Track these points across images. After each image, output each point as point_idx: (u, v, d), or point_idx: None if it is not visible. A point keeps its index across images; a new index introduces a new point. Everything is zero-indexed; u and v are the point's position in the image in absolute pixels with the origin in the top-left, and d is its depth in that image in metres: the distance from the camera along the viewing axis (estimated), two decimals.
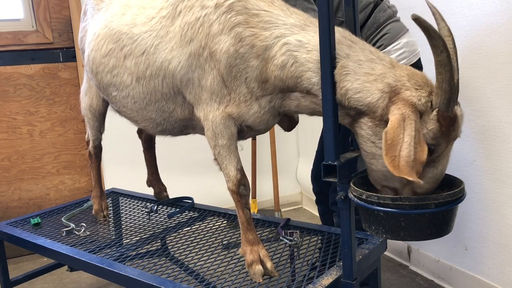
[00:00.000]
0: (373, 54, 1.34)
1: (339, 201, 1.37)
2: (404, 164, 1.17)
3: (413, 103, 1.22)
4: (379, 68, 1.30)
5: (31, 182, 3.18)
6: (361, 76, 1.30)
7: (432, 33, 1.14)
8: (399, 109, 1.23)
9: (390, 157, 1.19)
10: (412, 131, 1.19)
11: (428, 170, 1.26)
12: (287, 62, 1.40)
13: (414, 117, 1.21)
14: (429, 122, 1.23)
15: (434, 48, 1.16)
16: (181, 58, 1.55)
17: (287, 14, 1.44)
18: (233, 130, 1.56)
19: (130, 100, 1.78)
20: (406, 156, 1.17)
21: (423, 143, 1.20)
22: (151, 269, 1.69)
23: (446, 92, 1.19)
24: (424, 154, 1.19)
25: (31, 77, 3.10)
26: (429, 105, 1.23)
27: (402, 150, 1.18)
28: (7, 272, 2.33)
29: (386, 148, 1.20)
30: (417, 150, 1.18)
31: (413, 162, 1.17)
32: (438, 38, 1.14)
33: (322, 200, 2.31)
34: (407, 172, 1.16)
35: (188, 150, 3.44)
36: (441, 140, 1.24)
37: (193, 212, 2.31)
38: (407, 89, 1.25)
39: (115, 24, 1.77)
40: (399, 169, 1.17)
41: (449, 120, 1.22)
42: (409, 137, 1.18)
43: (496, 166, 2.03)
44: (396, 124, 1.21)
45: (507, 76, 1.92)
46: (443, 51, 1.15)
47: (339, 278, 1.49)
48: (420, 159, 1.18)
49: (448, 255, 2.38)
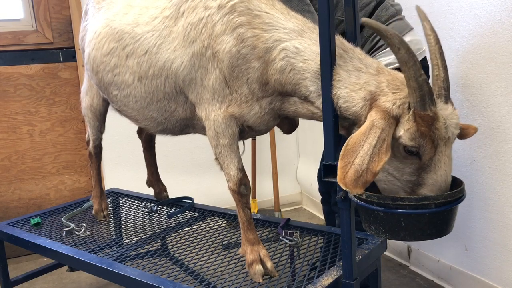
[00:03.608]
0: (361, 62, 1.33)
1: (339, 201, 1.37)
2: (352, 173, 1.17)
3: (385, 109, 1.21)
4: (364, 77, 1.30)
5: (31, 182, 3.18)
6: (349, 85, 1.30)
7: (383, 32, 1.12)
8: (371, 116, 1.22)
9: (343, 162, 1.19)
10: (373, 140, 1.18)
11: (426, 176, 1.23)
12: (285, 68, 1.41)
13: (381, 125, 1.19)
14: (406, 123, 1.20)
15: (391, 46, 1.14)
16: (184, 58, 1.55)
17: (287, 18, 1.45)
18: (234, 130, 1.56)
19: (131, 99, 1.78)
20: (357, 164, 1.17)
21: (382, 154, 1.17)
22: (151, 269, 1.69)
23: (415, 90, 1.16)
24: (378, 166, 1.16)
25: (31, 77, 3.10)
26: (406, 107, 1.20)
27: (356, 158, 1.18)
28: (7, 272, 2.33)
29: (344, 152, 1.20)
30: (373, 159, 1.17)
31: (363, 172, 1.16)
32: (391, 36, 1.12)
33: (327, 200, 2.31)
34: (349, 181, 1.16)
35: (188, 150, 3.44)
36: (422, 140, 1.19)
37: (193, 212, 2.31)
38: (384, 94, 1.24)
39: (117, 23, 1.77)
40: (345, 177, 1.17)
41: (428, 119, 1.17)
42: (368, 146, 1.18)
43: (496, 166, 2.03)
44: (362, 131, 1.20)
45: (507, 76, 1.92)
46: (400, 48, 1.13)
47: (339, 278, 1.49)
48: (372, 170, 1.16)
49: (448, 255, 2.38)
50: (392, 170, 1.27)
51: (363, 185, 1.16)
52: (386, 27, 1.13)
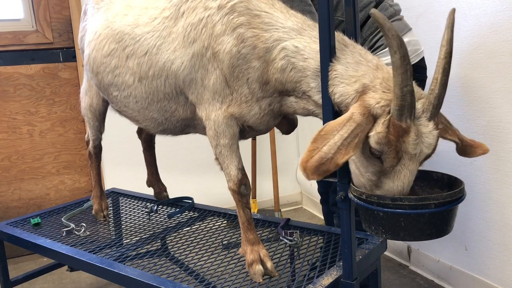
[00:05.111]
0: (361, 56, 1.33)
1: (339, 201, 1.37)
2: (316, 159, 1.17)
3: (367, 105, 1.21)
4: (362, 70, 1.29)
5: (31, 182, 3.18)
6: (345, 80, 1.30)
7: (386, 30, 1.08)
8: (353, 108, 1.22)
9: (312, 146, 1.19)
10: (346, 132, 1.18)
11: (384, 180, 1.24)
12: (286, 67, 1.42)
13: (358, 120, 1.19)
14: (379, 126, 1.19)
15: (389, 47, 1.11)
16: (184, 58, 1.56)
17: (286, 17, 1.45)
18: (235, 130, 1.57)
19: (131, 100, 1.78)
20: (324, 152, 1.17)
21: (350, 148, 1.17)
22: (151, 269, 1.69)
23: (397, 98, 1.13)
24: (343, 158, 1.17)
25: (31, 77, 3.11)
26: (388, 110, 1.19)
27: (325, 146, 1.18)
28: (7, 272, 2.33)
29: (316, 137, 1.20)
30: (340, 151, 1.17)
31: (327, 160, 1.16)
32: (392, 36, 1.08)
33: (327, 200, 2.31)
34: (310, 166, 1.16)
35: (188, 150, 3.44)
36: (387, 148, 1.18)
37: (193, 212, 2.31)
38: (374, 90, 1.23)
39: (117, 24, 1.77)
40: (308, 161, 1.17)
41: (399, 130, 1.16)
42: (339, 137, 1.18)
43: (496, 166, 2.03)
44: (339, 121, 1.21)
45: (507, 76, 1.92)
46: (396, 51, 1.09)
47: (339, 278, 1.49)
48: (336, 161, 1.17)
49: (448, 255, 2.38)
50: (359, 164, 1.28)
51: (323, 173, 1.17)
52: (391, 26, 1.09)
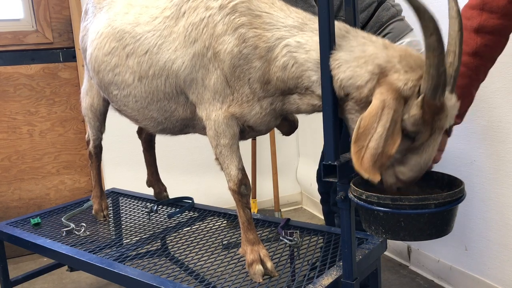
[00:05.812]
0: (365, 38, 1.31)
1: (339, 201, 1.37)
2: (368, 157, 1.14)
3: (397, 88, 1.17)
4: (370, 50, 1.26)
5: (31, 182, 3.18)
6: (352, 63, 1.26)
7: (422, 13, 1.07)
8: (382, 95, 1.18)
9: (357, 147, 1.16)
10: (387, 122, 1.15)
11: (411, 157, 1.23)
12: (288, 63, 1.40)
13: (394, 106, 1.16)
14: (413, 108, 1.17)
15: (424, 29, 1.09)
16: (185, 58, 1.55)
17: (287, 14, 1.45)
18: (235, 130, 1.56)
19: (131, 99, 1.78)
20: (373, 148, 1.15)
21: (396, 136, 1.15)
22: (151, 269, 1.69)
23: (433, 78, 1.13)
24: (393, 148, 1.15)
25: (31, 77, 3.10)
26: (417, 90, 1.17)
27: (371, 141, 1.15)
28: (7, 272, 2.33)
29: (357, 136, 1.17)
30: (388, 143, 1.15)
31: (379, 155, 1.14)
32: (428, 19, 1.07)
33: (326, 200, 2.31)
34: (368, 167, 1.14)
35: (188, 150, 3.44)
36: (423, 128, 1.17)
37: (193, 212, 2.31)
38: (396, 71, 1.20)
39: (118, 23, 1.77)
40: (362, 162, 1.15)
41: (434, 108, 1.15)
42: (382, 128, 1.15)
43: (496, 166, 2.04)
44: (374, 111, 1.17)
45: (507, 76, 1.92)
46: (432, 33, 1.09)
47: (339, 278, 1.49)
48: (387, 153, 1.15)
49: (448, 255, 2.38)
50: None
51: (380, 170, 1.15)
52: (426, 8, 1.07)
